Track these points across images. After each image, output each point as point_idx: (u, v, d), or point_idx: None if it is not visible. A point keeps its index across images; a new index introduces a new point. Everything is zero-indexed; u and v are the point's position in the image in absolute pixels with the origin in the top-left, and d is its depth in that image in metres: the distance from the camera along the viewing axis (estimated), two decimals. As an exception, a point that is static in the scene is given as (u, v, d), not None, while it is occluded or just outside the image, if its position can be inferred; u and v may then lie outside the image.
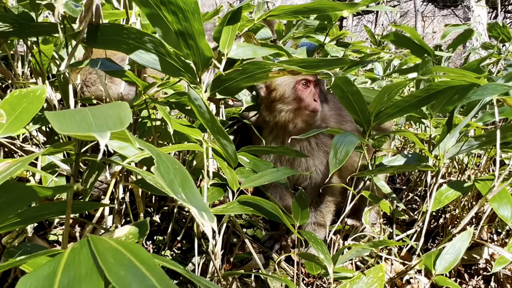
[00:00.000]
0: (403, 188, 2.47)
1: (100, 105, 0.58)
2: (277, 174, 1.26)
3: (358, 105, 1.37)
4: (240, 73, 1.12)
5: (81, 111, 0.53)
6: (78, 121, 0.50)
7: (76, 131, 0.46)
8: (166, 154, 0.57)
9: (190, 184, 0.56)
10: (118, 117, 0.50)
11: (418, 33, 2.01)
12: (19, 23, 1.34)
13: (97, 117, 0.50)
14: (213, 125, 1.08)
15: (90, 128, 0.47)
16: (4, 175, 0.57)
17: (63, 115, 0.50)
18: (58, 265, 0.51)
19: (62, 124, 0.48)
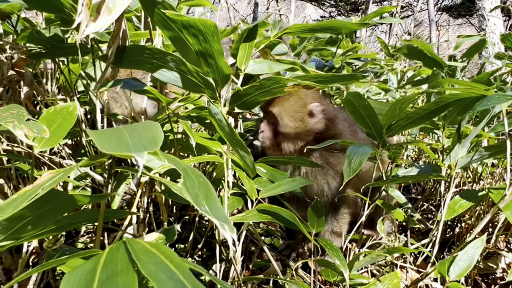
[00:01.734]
0: (418, 197, 2.49)
1: (135, 125, 0.65)
2: (294, 183, 1.31)
3: (369, 119, 1.41)
4: (257, 88, 1.19)
5: (118, 130, 0.60)
6: (117, 141, 0.57)
7: (116, 150, 0.54)
8: (191, 168, 0.64)
9: (213, 197, 0.63)
10: (152, 138, 0.57)
11: (429, 46, 2.05)
12: (51, 44, 1.44)
13: (134, 137, 0.57)
14: (232, 138, 1.15)
15: (129, 148, 0.54)
16: (49, 184, 0.65)
17: (104, 135, 0.58)
18: (98, 263, 0.58)
19: (104, 143, 0.55)
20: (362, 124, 1.44)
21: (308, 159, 1.51)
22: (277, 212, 1.17)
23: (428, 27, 15.00)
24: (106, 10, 0.78)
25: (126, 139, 0.56)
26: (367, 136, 1.52)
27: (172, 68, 1.19)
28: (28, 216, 0.73)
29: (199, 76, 1.19)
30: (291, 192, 1.48)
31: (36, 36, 1.38)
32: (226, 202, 1.14)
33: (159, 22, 1.06)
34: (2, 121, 0.85)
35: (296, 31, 1.57)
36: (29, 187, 0.68)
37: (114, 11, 0.79)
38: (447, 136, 1.81)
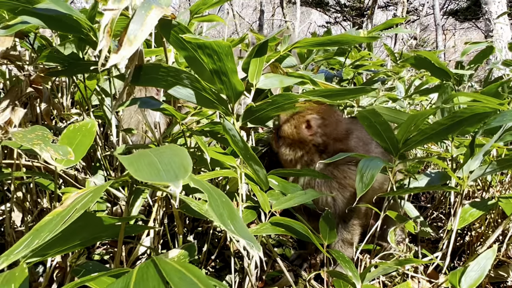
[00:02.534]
0: (427, 206, 2.49)
1: (162, 149, 0.69)
2: (305, 196, 1.34)
3: (385, 134, 1.42)
4: (269, 104, 1.22)
5: (147, 156, 0.63)
6: (148, 168, 0.60)
7: (151, 179, 0.57)
8: (214, 188, 0.67)
9: (236, 216, 0.66)
10: (182, 165, 0.60)
11: (436, 56, 2.07)
12: (68, 62, 1.49)
13: (164, 163, 0.61)
14: (246, 153, 1.18)
15: (162, 177, 0.57)
16: (80, 206, 0.68)
17: (135, 161, 0.61)
18: (130, 282, 0.61)
19: (137, 172, 0.58)
20: (379, 138, 1.46)
21: (319, 172, 1.54)
22: (289, 224, 1.20)
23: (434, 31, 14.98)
24: (128, 41, 0.82)
25: (157, 167, 0.60)
26: (384, 150, 1.54)
27: (186, 85, 1.23)
28: (56, 235, 0.77)
29: (213, 92, 1.23)
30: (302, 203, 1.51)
31: (54, 55, 1.42)
32: (240, 215, 1.17)
33: (175, 43, 1.10)
34: (29, 143, 0.89)
35: (306, 45, 1.61)
36: (60, 209, 0.71)
37: (135, 42, 0.83)
38: (456, 146, 1.83)
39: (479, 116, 1.41)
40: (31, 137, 0.93)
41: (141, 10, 0.85)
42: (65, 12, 1.13)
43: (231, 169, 1.24)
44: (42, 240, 0.67)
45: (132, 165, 0.59)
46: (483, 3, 9.31)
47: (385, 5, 20.91)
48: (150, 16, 0.85)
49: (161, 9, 0.87)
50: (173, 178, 0.57)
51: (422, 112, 1.38)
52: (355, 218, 1.76)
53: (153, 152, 0.65)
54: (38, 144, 0.87)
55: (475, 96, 1.43)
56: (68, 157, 0.86)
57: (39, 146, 0.86)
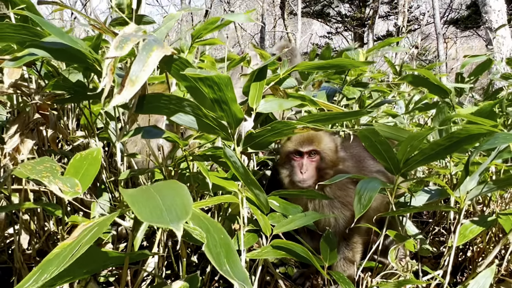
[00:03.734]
0: (429, 221, 2.51)
1: (163, 186, 0.72)
2: (306, 218, 1.37)
3: (387, 154, 1.45)
4: (269, 131, 1.26)
5: (151, 196, 0.67)
6: (152, 209, 0.64)
7: (154, 221, 0.61)
8: (213, 224, 0.70)
9: (233, 255, 0.69)
10: (184, 206, 0.64)
11: (433, 74, 2.10)
12: (74, 90, 1.54)
13: (166, 204, 0.64)
14: (246, 178, 1.21)
15: (165, 219, 0.61)
16: (87, 240, 0.72)
17: (138, 199, 0.65)
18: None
19: (142, 213, 0.62)
20: (380, 158, 1.49)
21: (320, 192, 1.56)
22: (291, 248, 1.22)
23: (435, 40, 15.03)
24: (130, 82, 0.86)
25: (160, 207, 0.63)
26: (385, 169, 1.56)
27: (188, 112, 1.27)
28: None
29: (214, 119, 1.27)
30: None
31: (60, 84, 1.48)
32: (242, 239, 1.20)
33: (177, 75, 1.15)
34: (38, 175, 0.93)
35: (304, 68, 1.65)
36: (68, 241, 0.75)
37: (137, 83, 0.87)
38: (455, 163, 1.85)
39: (475, 137, 1.44)
40: (40, 169, 0.97)
41: (143, 52, 0.89)
42: (70, 45, 1.18)
43: (233, 194, 1.27)
44: (50, 275, 0.70)
45: (135, 204, 0.63)
46: (483, 12, 9.36)
47: (385, 15, 21.06)
48: (152, 57, 0.89)
49: (162, 49, 0.91)
50: (174, 219, 0.60)
51: (420, 133, 1.41)
52: (356, 236, 1.78)
53: (156, 191, 0.68)
54: (47, 177, 0.91)
55: (470, 117, 1.46)
56: (76, 190, 0.90)
57: (47, 178, 0.90)
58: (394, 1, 19.34)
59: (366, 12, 19.83)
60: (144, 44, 0.91)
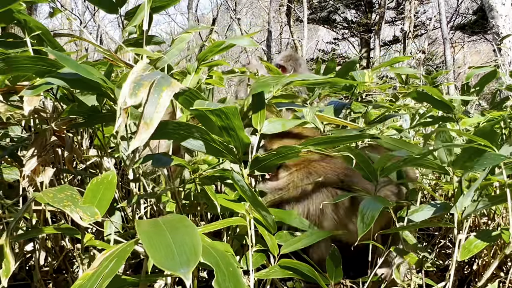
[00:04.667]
0: (435, 233, 2.53)
1: (174, 223, 0.78)
2: (313, 237, 1.42)
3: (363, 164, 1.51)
4: (275, 155, 1.32)
5: (163, 234, 0.73)
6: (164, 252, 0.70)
7: (167, 267, 0.67)
8: (223, 257, 0.76)
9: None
10: (193, 248, 0.69)
11: (437, 90, 2.14)
12: (89, 115, 1.62)
13: (178, 245, 0.70)
14: (253, 200, 1.27)
15: (176, 264, 0.67)
16: (108, 273, 0.78)
17: (152, 238, 0.70)
18: None
19: (156, 257, 0.68)
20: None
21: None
22: (297, 267, 1.27)
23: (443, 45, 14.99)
24: (145, 126, 0.92)
25: (172, 249, 0.69)
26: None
27: (197, 137, 1.33)
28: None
29: (222, 143, 1.33)
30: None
31: (76, 110, 1.55)
32: (250, 259, 1.25)
33: (186, 104, 1.21)
34: (60, 204, 1.00)
35: (299, 84, 1.72)
36: (90, 271, 0.81)
37: (151, 126, 0.93)
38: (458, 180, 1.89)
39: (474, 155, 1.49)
40: (61, 197, 1.04)
41: (154, 94, 0.95)
42: (85, 76, 1.25)
43: (241, 216, 1.33)
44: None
45: (150, 248, 0.68)
46: (490, 18, 9.34)
47: (392, 20, 21.06)
48: (163, 98, 0.95)
49: (171, 88, 0.97)
50: (185, 264, 0.66)
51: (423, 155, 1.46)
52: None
53: (167, 228, 0.74)
54: (68, 206, 0.97)
55: (471, 136, 1.50)
56: (95, 218, 0.96)
57: (69, 208, 0.97)
58: (401, 7, 19.36)
59: (372, 18, 19.85)
60: (154, 86, 0.97)
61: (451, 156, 1.77)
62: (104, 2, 1.82)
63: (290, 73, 5.36)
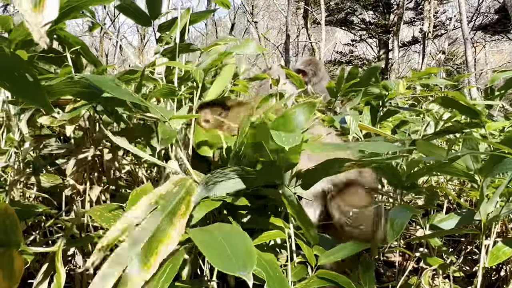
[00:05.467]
0: (461, 240, 2.54)
1: (228, 232, 0.84)
2: (349, 249, 1.45)
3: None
4: (319, 169, 1.36)
5: (218, 241, 0.79)
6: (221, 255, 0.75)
7: (226, 270, 0.72)
8: (271, 265, 0.82)
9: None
10: (248, 253, 0.75)
11: (464, 96, 2.15)
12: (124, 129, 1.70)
13: (233, 250, 0.76)
14: (299, 214, 1.32)
15: (234, 266, 0.73)
16: (166, 278, 0.84)
17: (209, 245, 0.77)
18: None
19: (214, 261, 0.74)
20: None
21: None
22: (334, 278, 1.31)
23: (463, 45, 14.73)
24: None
25: (228, 253, 0.75)
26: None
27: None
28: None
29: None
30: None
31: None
32: (289, 272, 1.30)
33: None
34: (108, 223, 1.07)
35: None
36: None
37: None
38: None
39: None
40: (108, 216, 1.11)
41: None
42: (123, 98, 1.31)
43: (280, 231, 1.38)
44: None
45: (208, 252, 0.74)
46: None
47: (410, 21, 20.80)
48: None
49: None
50: (241, 268, 0.72)
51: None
52: None
53: (221, 236, 0.80)
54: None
55: (497, 145, 1.52)
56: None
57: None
58: (419, 7, 19.12)
59: (390, 19, 19.66)
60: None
61: (478, 164, 1.79)
62: (139, 16, 1.90)
63: (310, 77, 5.42)
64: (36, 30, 0.60)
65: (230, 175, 1.17)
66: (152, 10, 1.86)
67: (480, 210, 1.60)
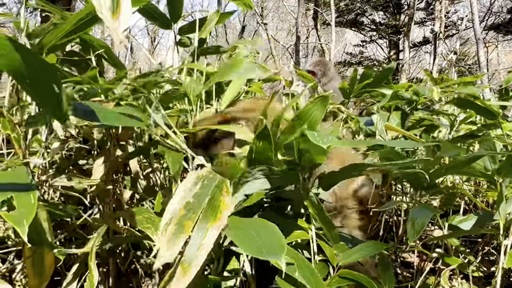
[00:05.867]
0: (478, 240, 2.53)
1: (258, 226, 0.87)
2: (370, 249, 1.47)
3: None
4: (340, 173, 1.39)
5: (251, 234, 0.82)
6: (251, 242, 0.79)
7: (256, 254, 0.76)
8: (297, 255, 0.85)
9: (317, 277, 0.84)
10: (279, 243, 0.79)
11: (480, 97, 2.16)
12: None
13: (265, 242, 0.80)
14: (322, 216, 1.35)
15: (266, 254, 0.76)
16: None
17: (243, 238, 0.80)
18: None
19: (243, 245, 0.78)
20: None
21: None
22: (355, 278, 1.34)
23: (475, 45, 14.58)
24: (181, 271, 0.79)
25: (259, 243, 0.79)
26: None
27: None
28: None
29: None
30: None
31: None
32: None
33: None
34: (141, 225, 1.11)
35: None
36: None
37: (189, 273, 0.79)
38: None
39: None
40: (140, 218, 1.15)
41: (198, 233, 0.85)
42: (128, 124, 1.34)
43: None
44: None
45: (243, 245, 0.78)
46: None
47: (421, 21, 20.66)
48: (207, 238, 0.84)
49: (218, 224, 0.87)
50: (274, 254, 0.75)
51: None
52: None
53: (253, 230, 0.83)
54: (149, 228, 1.08)
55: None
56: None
57: (150, 230, 1.08)
58: (430, 7, 18.98)
59: (401, 19, 19.55)
60: (199, 222, 0.87)
61: (496, 164, 1.80)
62: (160, 19, 1.95)
63: (320, 77, 5.44)
64: (116, 35, 0.65)
65: (256, 175, 1.20)
66: (173, 13, 1.91)
67: (499, 211, 1.61)
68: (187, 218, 0.86)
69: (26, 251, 1.30)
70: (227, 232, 0.86)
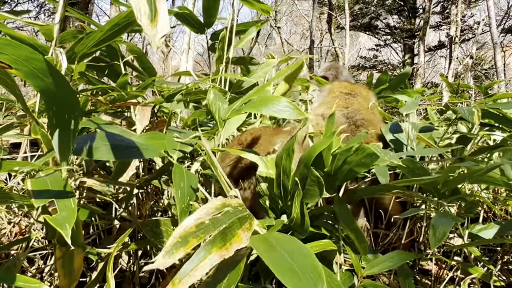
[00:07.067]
0: (497, 249, 2.51)
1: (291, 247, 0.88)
2: (395, 260, 1.49)
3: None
4: (368, 189, 1.42)
5: (284, 258, 0.83)
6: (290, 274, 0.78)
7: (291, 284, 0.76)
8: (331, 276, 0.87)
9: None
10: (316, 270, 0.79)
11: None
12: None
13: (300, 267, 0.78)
14: (350, 225, 1.38)
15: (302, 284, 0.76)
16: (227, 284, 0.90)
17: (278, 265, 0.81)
18: None
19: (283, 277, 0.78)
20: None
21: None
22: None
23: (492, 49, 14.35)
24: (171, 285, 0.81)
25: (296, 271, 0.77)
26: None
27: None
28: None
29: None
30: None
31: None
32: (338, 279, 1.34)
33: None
34: (157, 239, 1.14)
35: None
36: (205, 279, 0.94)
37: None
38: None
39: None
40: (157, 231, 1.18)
41: (199, 254, 0.85)
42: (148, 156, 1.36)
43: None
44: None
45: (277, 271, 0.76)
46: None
47: (436, 25, 20.44)
48: (205, 262, 0.84)
49: (221, 253, 0.86)
50: (313, 286, 0.75)
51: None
52: None
53: (286, 252, 0.84)
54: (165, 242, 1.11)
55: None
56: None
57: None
58: (446, 11, 18.79)
59: (416, 23, 19.38)
60: (204, 244, 0.87)
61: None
62: (194, 24, 2.00)
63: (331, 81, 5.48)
64: (154, 42, 0.69)
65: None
66: (207, 19, 1.96)
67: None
68: (194, 236, 0.86)
69: (57, 252, 1.35)
70: (254, 246, 0.87)
